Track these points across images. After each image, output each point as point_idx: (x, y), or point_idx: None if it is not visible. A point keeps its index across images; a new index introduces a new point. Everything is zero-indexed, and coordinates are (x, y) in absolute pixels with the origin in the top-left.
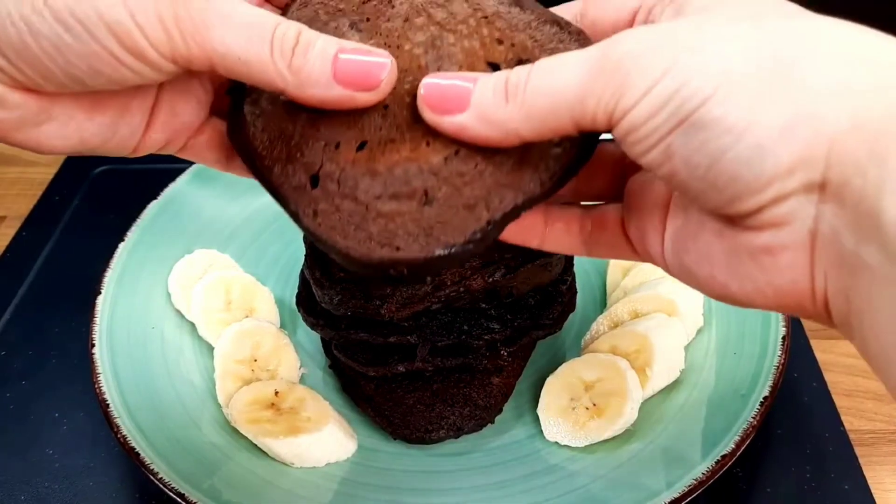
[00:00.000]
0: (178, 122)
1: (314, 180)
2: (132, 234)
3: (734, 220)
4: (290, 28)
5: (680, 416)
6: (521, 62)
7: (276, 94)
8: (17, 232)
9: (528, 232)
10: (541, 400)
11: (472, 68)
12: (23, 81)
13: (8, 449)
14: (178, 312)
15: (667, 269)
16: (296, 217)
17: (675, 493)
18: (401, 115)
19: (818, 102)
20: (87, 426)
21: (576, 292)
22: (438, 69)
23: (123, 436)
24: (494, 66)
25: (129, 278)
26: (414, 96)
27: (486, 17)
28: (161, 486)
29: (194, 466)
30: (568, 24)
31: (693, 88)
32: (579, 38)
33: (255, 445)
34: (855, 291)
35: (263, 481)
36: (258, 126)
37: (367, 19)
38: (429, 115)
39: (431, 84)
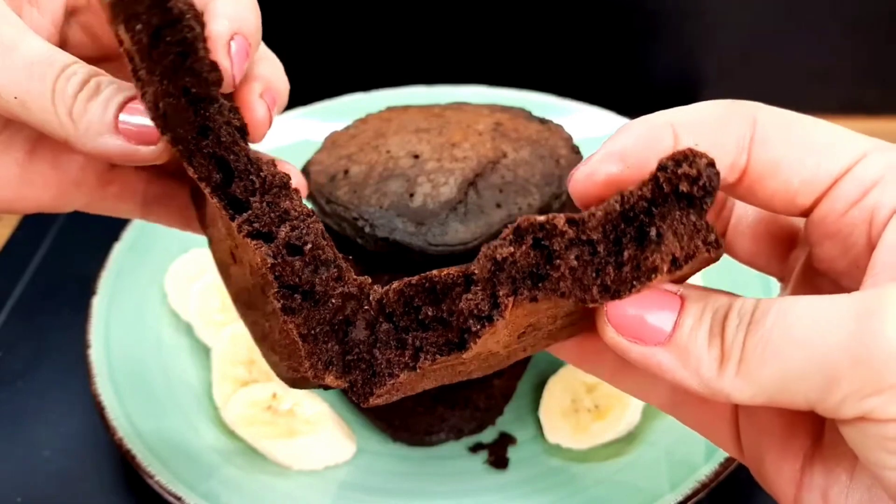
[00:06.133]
0: (66, 178)
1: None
2: (128, 234)
3: None
4: (79, 71)
5: None
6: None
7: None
8: (12, 232)
9: (595, 359)
10: (542, 402)
11: None
12: None
13: (4, 450)
14: (175, 313)
15: None
16: None
17: (678, 496)
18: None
19: None
20: (84, 427)
21: None
22: None
23: (120, 438)
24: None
25: (125, 278)
26: None
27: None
28: (158, 488)
29: (191, 469)
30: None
31: None
32: None
33: (254, 448)
34: None
35: (261, 484)
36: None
37: None
38: (611, 336)
39: (621, 305)
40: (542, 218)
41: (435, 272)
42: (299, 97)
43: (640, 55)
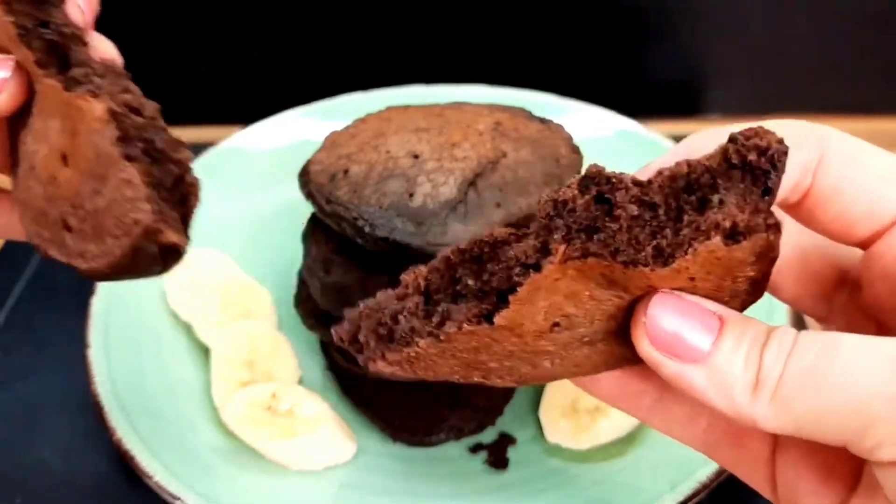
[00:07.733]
0: None
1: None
2: None
3: None
4: None
5: None
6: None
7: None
8: None
9: (632, 399)
10: (542, 401)
11: None
12: None
13: (3, 451)
14: (174, 313)
15: None
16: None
17: (678, 497)
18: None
19: None
20: (83, 428)
21: None
22: None
23: (119, 439)
24: None
25: None
26: None
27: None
28: (157, 488)
29: (191, 469)
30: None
31: None
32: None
33: (253, 448)
34: None
35: (261, 484)
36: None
37: None
38: (646, 349)
39: (660, 318)
40: (610, 171)
41: (489, 232)
42: (299, 97)
43: (641, 55)
